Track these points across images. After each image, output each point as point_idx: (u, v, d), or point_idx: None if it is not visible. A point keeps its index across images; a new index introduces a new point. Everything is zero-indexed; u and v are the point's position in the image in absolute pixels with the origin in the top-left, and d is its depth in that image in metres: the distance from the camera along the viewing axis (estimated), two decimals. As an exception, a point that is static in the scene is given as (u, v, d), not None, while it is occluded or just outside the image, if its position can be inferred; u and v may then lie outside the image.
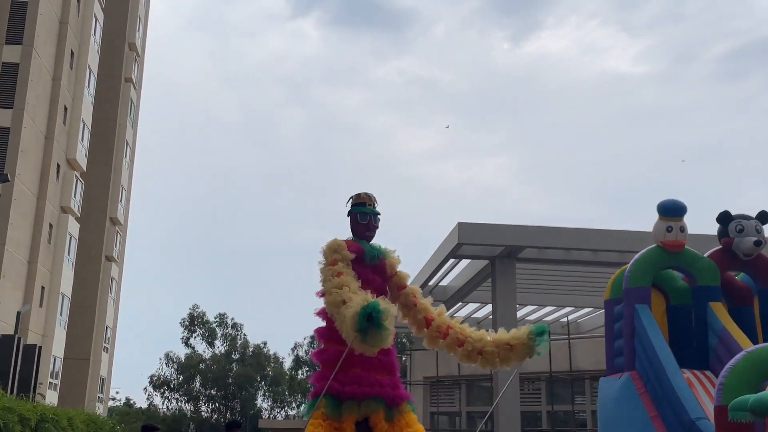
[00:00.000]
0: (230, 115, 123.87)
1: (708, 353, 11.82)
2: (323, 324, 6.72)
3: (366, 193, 7.05)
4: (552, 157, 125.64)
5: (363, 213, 6.99)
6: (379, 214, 7.08)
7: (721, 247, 12.48)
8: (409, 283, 7.12)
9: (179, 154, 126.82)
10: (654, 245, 12.46)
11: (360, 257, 6.76)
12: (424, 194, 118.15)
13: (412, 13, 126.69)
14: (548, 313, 26.37)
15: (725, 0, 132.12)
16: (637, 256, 12.47)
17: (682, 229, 12.14)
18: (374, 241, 7.09)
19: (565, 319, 25.95)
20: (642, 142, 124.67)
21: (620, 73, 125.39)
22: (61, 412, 17.33)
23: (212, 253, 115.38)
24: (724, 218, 12.40)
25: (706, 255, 12.44)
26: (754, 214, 12.32)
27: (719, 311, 11.82)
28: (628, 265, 12.51)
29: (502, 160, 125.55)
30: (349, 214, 7.06)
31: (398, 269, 7.06)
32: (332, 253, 6.62)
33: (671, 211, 12.18)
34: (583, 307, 24.85)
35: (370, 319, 5.40)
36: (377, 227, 7.08)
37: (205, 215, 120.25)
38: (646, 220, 17.29)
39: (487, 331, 7.03)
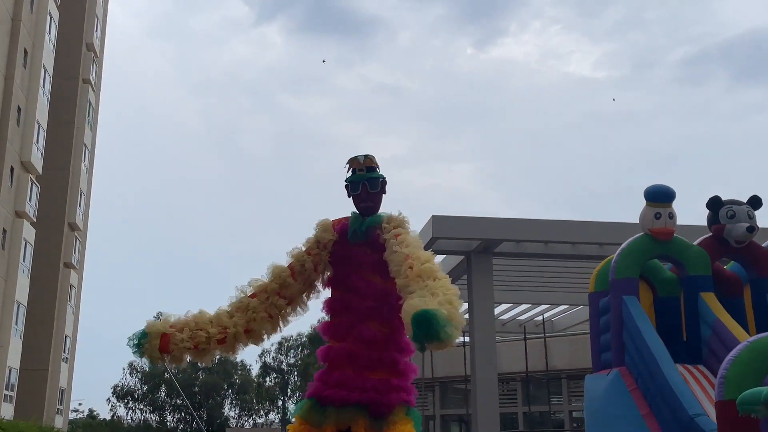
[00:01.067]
0: (193, 122, 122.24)
1: (700, 346, 11.21)
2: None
3: (354, 157, 5.78)
4: (519, 162, 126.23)
5: (353, 182, 5.76)
6: (379, 177, 5.77)
7: (711, 234, 11.91)
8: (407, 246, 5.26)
9: (141, 159, 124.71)
10: (641, 234, 11.84)
11: (345, 236, 5.74)
12: (392, 200, 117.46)
13: (377, 20, 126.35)
14: (524, 311, 25.79)
15: (685, 6, 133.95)
16: (624, 245, 11.83)
17: (671, 216, 11.52)
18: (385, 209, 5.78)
19: (540, 318, 25.41)
20: (608, 145, 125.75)
21: (583, 78, 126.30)
22: (10, 425, 16.23)
23: (176, 259, 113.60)
24: (715, 203, 11.80)
25: (695, 243, 11.87)
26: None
27: (711, 302, 11.20)
28: (615, 255, 11.86)
29: (469, 167, 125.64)
30: (345, 187, 5.86)
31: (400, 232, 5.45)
32: (314, 234, 5.82)
33: (659, 196, 11.55)
34: (560, 305, 24.29)
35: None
36: (378, 193, 5.77)
37: (169, 221, 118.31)
38: (619, 219, 16.64)
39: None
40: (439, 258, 19.14)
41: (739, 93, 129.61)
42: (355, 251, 5.71)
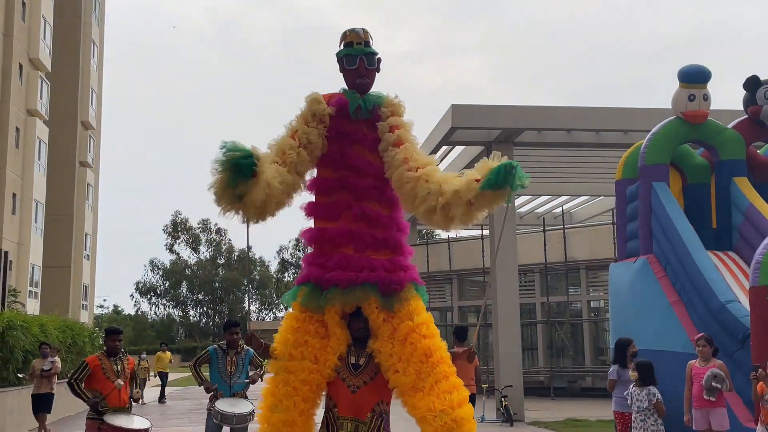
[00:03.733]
0: (201, 19, 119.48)
1: (731, 233, 10.90)
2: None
3: (352, 30, 5.47)
4: (536, 54, 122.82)
5: (350, 55, 5.41)
6: (376, 54, 5.47)
7: (747, 116, 11.38)
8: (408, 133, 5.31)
9: (150, 57, 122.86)
10: (673, 117, 11.33)
11: (343, 111, 5.37)
12: (403, 96, 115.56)
13: None
14: (542, 203, 25.53)
15: None
16: (654, 129, 11.33)
17: (706, 98, 10.97)
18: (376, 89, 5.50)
19: (558, 210, 25.13)
20: (623, 35, 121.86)
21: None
22: (32, 319, 16.41)
23: (191, 157, 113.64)
24: (752, 84, 11.21)
25: (730, 126, 11.35)
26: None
27: (745, 187, 10.80)
28: (645, 141, 11.39)
29: (483, 59, 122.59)
30: (338, 61, 5.51)
31: (401, 120, 5.34)
32: (305, 108, 5.40)
33: (694, 76, 10.97)
34: (580, 195, 23.95)
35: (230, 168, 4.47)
36: (374, 70, 5.48)
37: (182, 119, 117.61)
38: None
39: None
40: (459, 149, 18.70)
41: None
42: (353, 128, 5.38)
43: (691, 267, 9.68)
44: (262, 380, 8.94)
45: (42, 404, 12.99)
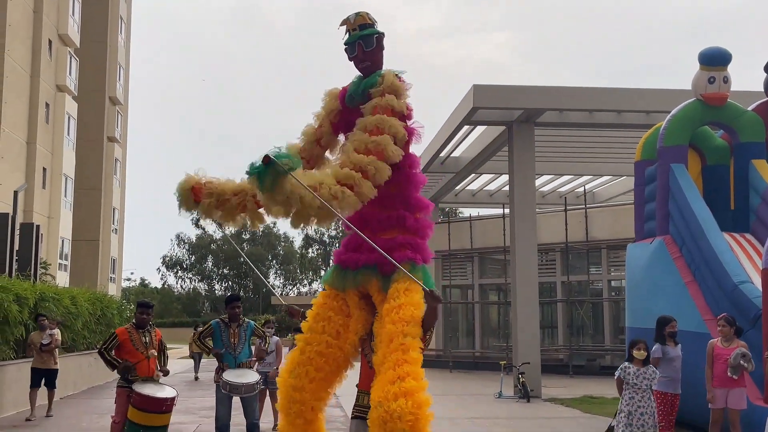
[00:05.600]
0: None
1: (748, 215, 10.98)
2: None
3: (346, 18, 5.61)
4: (559, 32, 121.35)
5: (349, 44, 5.58)
6: (374, 34, 5.54)
7: (766, 99, 11.40)
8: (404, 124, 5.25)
9: (175, 34, 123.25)
10: (693, 99, 11.38)
11: (343, 102, 5.63)
12: (425, 73, 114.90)
13: None
14: (565, 183, 25.55)
15: None
16: (674, 111, 11.41)
17: (726, 80, 11.01)
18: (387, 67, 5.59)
19: (581, 190, 25.16)
20: (648, 15, 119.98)
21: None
22: (63, 291, 16.89)
23: (216, 133, 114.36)
24: (773, 66, 11.23)
25: (749, 108, 11.38)
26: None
27: (763, 169, 10.87)
28: (664, 122, 11.47)
29: (506, 36, 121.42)
30: (345, 51, 5.67)
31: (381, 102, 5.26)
32: (323, 104, 5.75)
33: (714, 59, 11.01)
34: (602, 175, 23.95)
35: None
36: (374, 50, 5.53)
37: (208, 95, 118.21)
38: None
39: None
40: (480, 129, 18.80)
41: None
42: (355, 115, 5.49)
43: (706, 248, 9.80)
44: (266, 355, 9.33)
45: (47, 380, 12.65)
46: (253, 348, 8.77)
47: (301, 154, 5.53)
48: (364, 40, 5.50)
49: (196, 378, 20.78)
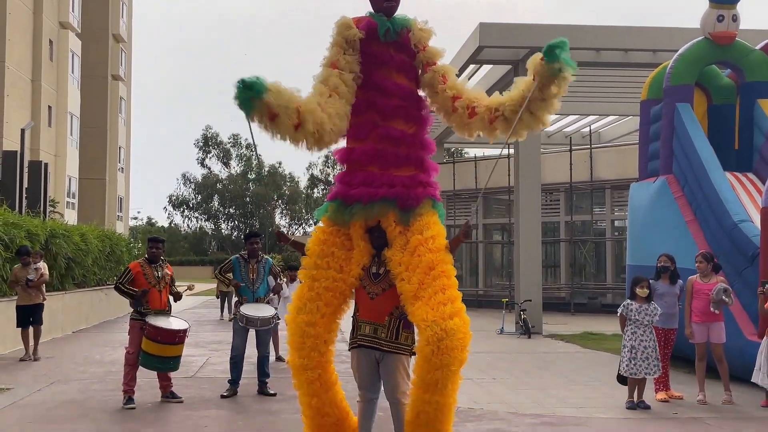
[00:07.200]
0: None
1: (752, 155, 11.05)
2: None
3: None
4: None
5: None
6: None
7: (775, 38, 11.33)
8: (440, 61, 5.62)
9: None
10: (700, 38, 11.32)
11: (372, 34, 5.52)
12: (430, 11, 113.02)
13: None
14: (570, 123, 25.47)
15: None
16: (681, 50, 11.36)
17: (735, 18, 10.95)
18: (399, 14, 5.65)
19: (586, 130, 25.09)
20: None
21: None
22: (74, 228, 17.13)
23: (222, 72, 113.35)
24: (782, 5, 11.12)
25: (758, 47, 11.33)
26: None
27: (768, 109, 10.86)
28: (671, 61, 11.44)
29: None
30: None
31: (428, 44, 5.61)
32: (337, 35, 5.57)
33: (723, -3, 10.92)
34: (608, 115, 23.85)
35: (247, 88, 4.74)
36: None
37: (214, 33, 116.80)
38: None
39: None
40: (486, 68, 18.69)
41: None
42: (381, 50, 5.56)
43: (708, 187, 9.90)
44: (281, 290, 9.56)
45: (33, 316, 11.61)
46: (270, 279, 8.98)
47: (330, 91, 5.37)
48: None
49: (222, 318, 20.00)
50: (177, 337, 7.92)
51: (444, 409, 5.10)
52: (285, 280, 11.52)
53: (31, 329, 11.60)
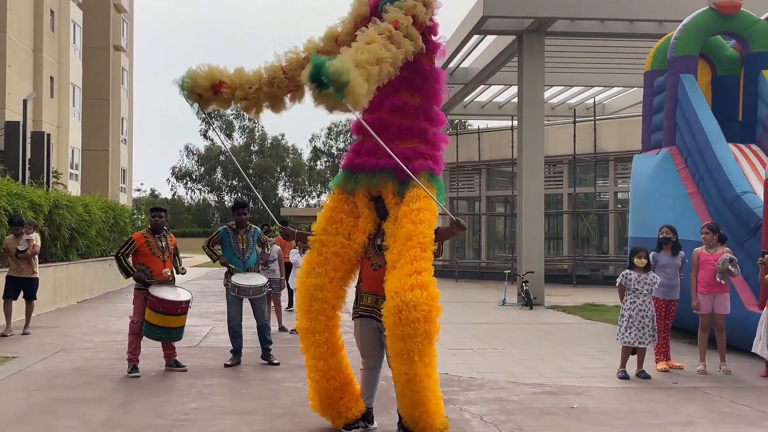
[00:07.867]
0: None
1: (756, 126, 11.00)
2: None
3: None
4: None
5: None
6: None
7: (782, 8, 11.22)
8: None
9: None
10: (705, 8, 11.22)
11: (374, 10, 5.59)
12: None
13: None
14: (574, 95, 25.35)
15: None
16: (686, 20, 11.26)
17: (740, -12, 10.83)
18: None
19: (590, 101, 24.97)
20: None
21: None
22: (77, 199, 17.16)
23: (225, 42, 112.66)
24: (790, -26, 11.00)
25: (763, 17, 11.23)
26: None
27: (773, 80, 10.79)
28: (675, 32, 11.35)
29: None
30: None
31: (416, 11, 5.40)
32: (353, 10, 5.71)
33: (730, -34, 10.80)
34: (612, 87, 23.72)
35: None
36: None
37: (216, 3, 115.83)
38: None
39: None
40: (490, 38, 18.56)
41: None
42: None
43: (711, 158, 9.88)
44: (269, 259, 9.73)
45: (25, 291, 11.16)
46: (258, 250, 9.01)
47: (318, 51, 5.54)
48: None
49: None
50: (179, 308, 7.98)
51: (416, 379, 4.91)
52: (298, 249, 11.74)
53: (19, 305, 11.15)
